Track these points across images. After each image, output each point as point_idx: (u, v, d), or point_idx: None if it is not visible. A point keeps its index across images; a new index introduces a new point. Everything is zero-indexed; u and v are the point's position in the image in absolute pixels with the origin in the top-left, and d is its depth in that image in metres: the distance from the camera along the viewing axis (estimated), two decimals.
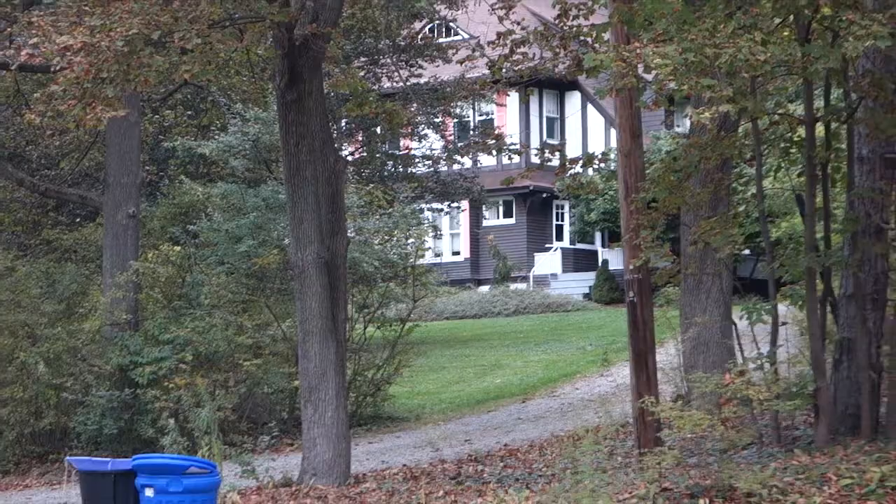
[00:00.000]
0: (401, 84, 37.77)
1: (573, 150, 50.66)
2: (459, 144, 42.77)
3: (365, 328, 27.59)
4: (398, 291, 28.81)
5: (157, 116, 31.92)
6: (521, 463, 21.25)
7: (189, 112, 34.86)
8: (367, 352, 27.69)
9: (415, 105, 37.44)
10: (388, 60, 37.86)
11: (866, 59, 17.24)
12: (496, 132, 44.72)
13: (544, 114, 52.97)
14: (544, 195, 51.61)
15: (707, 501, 15.78)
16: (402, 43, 37.59)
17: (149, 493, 15.13)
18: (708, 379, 18.00)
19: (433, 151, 42.16)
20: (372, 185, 33.32)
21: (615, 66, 17.21)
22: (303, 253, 19.94)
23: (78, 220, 33.49)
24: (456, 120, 43.28)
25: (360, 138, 39.79)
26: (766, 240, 19.67)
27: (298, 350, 20.81)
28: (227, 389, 23.96)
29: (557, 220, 53.58)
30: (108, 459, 16.39)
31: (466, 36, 35.43)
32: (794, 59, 16.54)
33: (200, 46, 18.60)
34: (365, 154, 40.07)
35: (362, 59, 35.95)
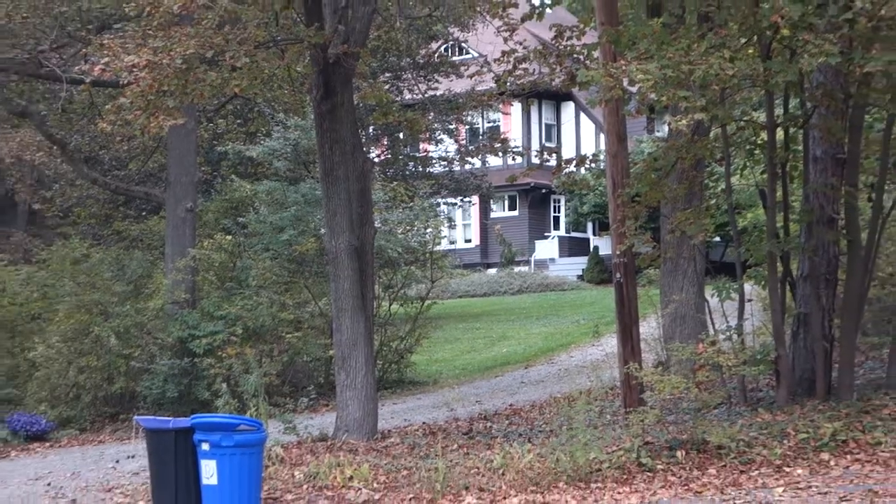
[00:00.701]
0: (420, 96, 37.78)
1: (568, 152, 50.60)
2: (470, 147, 42.71)
3: (390, 305, 27.57)
4: (418, 274, 28.77)
5: (210, 124, 31.82)
6: (524, 420, 21.20)
7: (238, 120, 34.76)
8: (392, 325, 27.67)
9: (432, 114, 37.40)
10: (409, 76, 37.81)
11: (819, 73, 17.16)
12: (502, 137, 44.47)
13: (543, 121, 52.87)
14: (543, 191, 51.48)
15: (683, 453, 15.77)
16: (421, 61, 37.49)
17: (205, 447, 15.09)
18: (684, 348, 18.01)
19: (448, 154, 42.12)
20: (395, 183, 33.22)
21: (604, 81, 17.26)
22: (336, 241, 19.91)
23: (143, 213, 33.45)
24: (467, 126, 43.21)
25: (385, 142, 39.74)
26: (733, 228, 19.59)
27: (333, 324, 20.82)
28: (271, 358, 23.92)
29: (554, 212, 53.47)
30: (169, 419, 16.32)
31: (476, 54, 35.28)
32: (757, 73, 16.50)
33: (248, 64, 18.62)
34: (389, 156, 40.04)
35: (387, 74, 35.84)
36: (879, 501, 13.14)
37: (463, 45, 39.40)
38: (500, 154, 43.46)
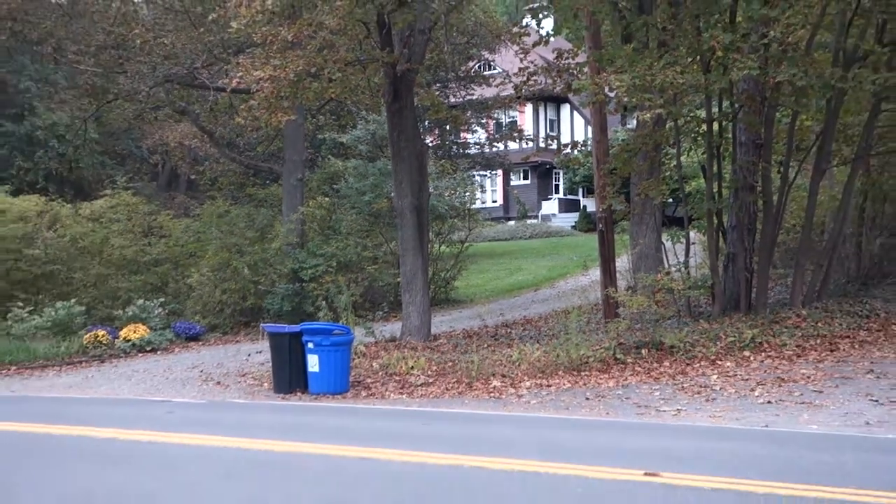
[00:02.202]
0: (460, 99, 37.66)
1: (565, 139, 50.30)
2: (496, 135, 42.59)
3: (439, 247, 27.50)
4: (459, 224, 28.71)
5: (314, 119, 31.64)
6: (534, 328, 21.16)
7: (333, 116, 34.64)
8: (441, 261, 27.64)
9: (469, 112, 37.12)
10: (453, 85, 37.56)
11: (744, 83, 17.02)
12: (518, 128, 44.63)
13: (547, 117, 52.44)
14: (547, 166, 51.14)
15: (646, 351, 15.85)
16: (461, 74, 37.19)
17: (310, 345, 15.17)
18: (647, 277, 18.01)
19: (480, 140, 41.97)
20: (443, 161, 33.18)
21: (591, 88, 17.18)
22: (402, 201, 19.91)
23: (267, 182, 33.41)
24: (494, 121, 42.93)
25: (436, 132, 39.50)
26: (682, 193, 19.45)
27: (399, 260, 20.82)
28: (356, 283, 23.98)
29: (555, 181, 53.08)
30: (285, 326, 16.40)
31: (500, 70, 35.01)
32: (700, 82, 16.35)
33: (340, 77, 18.58)
34: (439, 142, 39.81)
35: (437, 84, 35.52)
36: (784, 385, 13.11)
37: (491, 63, 39.06)
38: (517, 140, 43.44)
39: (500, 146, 43.49)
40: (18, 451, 10.60)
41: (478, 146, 42.22)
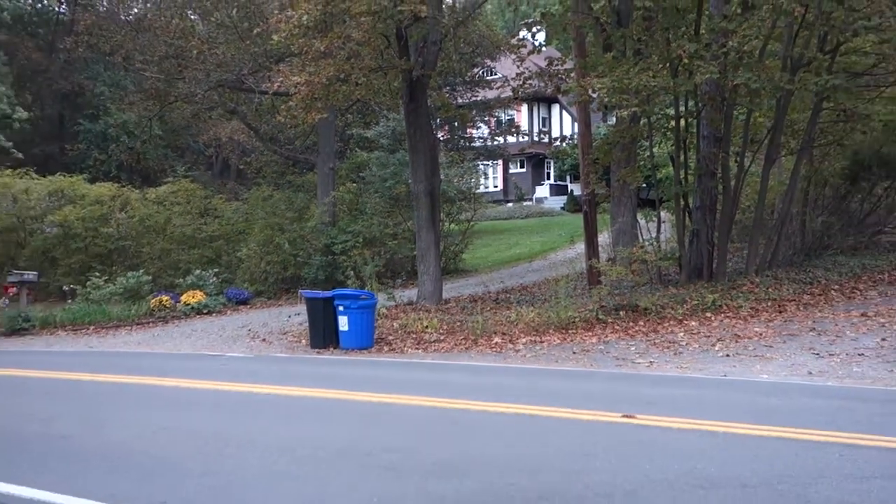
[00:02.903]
0: (467, 100, 37.43)
1: (555, 133, 50.15)
2: (497, 131, 42.38)
3: (449, 225, 27.42)
4: (466, 206, 28.62)
5: (343, 117, 31.56)
6: (529, 293, 21.15)
7: (359, 115, 34.49)
8: (450, 237, 27.57)
9: (474, 111, 36.91)
10: (461, 88, 37.31)
11: (706, 85, 16.88)
12: (515, 125, 44.35)
13: (540, 115, 51.97)
14: (540, 156, 50.83)
15: (624, 313, 15.84)
16: (467, 79, 36.93)
17: (340, 308, 15.23)
18: (624, 250, 17.93)
19: (483, 135, 41.78)
20: (452, 152, 33.11)
21: (577, 90, 17.20)
22: (417, 186, 19.90)
23: (304, 171, 33.38)
24: (495, 118, 42.64)
25: (447, 128, 39.30)
26: (654, 179, 19.46)
27: (416, 236, 20.81)
28: (379, 256, 23.91)
29: (547, 169, 52.70)
30: (319, 291, 16.44)
31: (500, 75, 34.76)
32: (669, 85, 16.29)
33: (365, 82, 18.56)
34: (449, 136, 39.66)
35: (447, 87, 35.29)
36: (740, 341, 13.12)
37: (492, 69, 38.78)
38: (515, 135, 43.25)
39: (500, 140, 43.39)
40: (101, 396, 10.70)
41: (481, 140, 42.10)
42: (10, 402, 10.36)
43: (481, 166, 41.87)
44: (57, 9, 44.82)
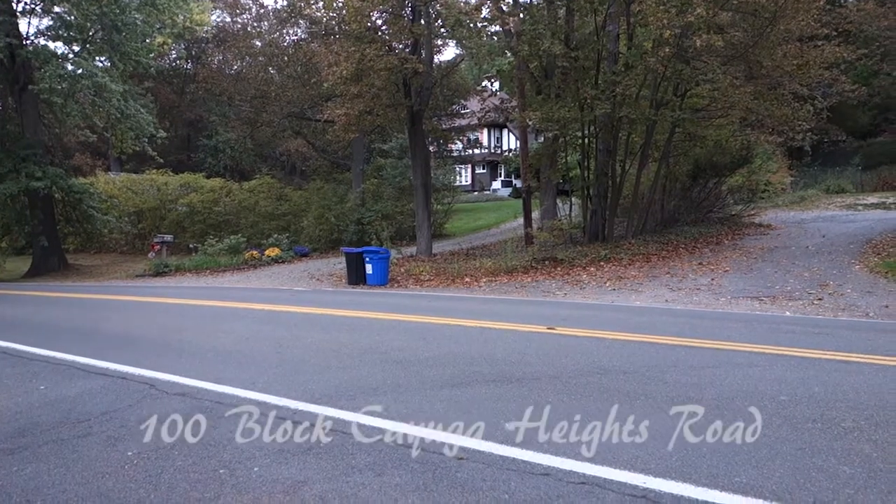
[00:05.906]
0: (448, 126, 36.89)
1: (505, 147, 49.71)
2: (467, 146, 41.92)
3: (436, 205, 27.18)
4: (447, 193, 28.47)
5: (369, 136, 31.01)
6: (489, 250, 21.03)
7: (379, 134, 33.85)
8: (437, 213, 27.37)
9: (453, 133, 36.32)
10: (444, 118, 36.73)
11: (602, 117, 16.66)
12: (480, 142, 43.87)
13: (495, 135, 51.22)
14: (495, 162, 50.37)
15: (548, 262, 15.68)
16: (449, 112, 36.25)
17: (367, 259, 15.11)
18: (548, 222, 17.79)
19: (459, 149, 41.32)
20: (439, 159, 32.79)
21: (519, 120, 16.85)
22: (416, 181, 19.67)
23: (344, 171, 32.91)
24: (466, 137, 42.10)
25: (435, 144, 38.75)
26: (568, 177, 19.25)
27: (415, 213, 20.61)
28: (392, 225, 23.78)
29: (500, 170, 52.24)
30: (354, 248, 16.26)
31: (470, 109, 34.27)
32: (578, 117, 16.06)
33: (383, 114, 18.23)
34: (437, 149, 39.12)
35: (435, 117, 34.69)
36: (622, 280, 13.08)
37: (465, 105, 38.34)
38: (479, 148, 42.79)
39: (470, 151, 42.97)
40: (213, 315, 10.58)
41: (458, 151, 41.67)
42: (156, 320, 10.22)
43: (458, 168, 41.50)
44: (185, 66, 44.48)
